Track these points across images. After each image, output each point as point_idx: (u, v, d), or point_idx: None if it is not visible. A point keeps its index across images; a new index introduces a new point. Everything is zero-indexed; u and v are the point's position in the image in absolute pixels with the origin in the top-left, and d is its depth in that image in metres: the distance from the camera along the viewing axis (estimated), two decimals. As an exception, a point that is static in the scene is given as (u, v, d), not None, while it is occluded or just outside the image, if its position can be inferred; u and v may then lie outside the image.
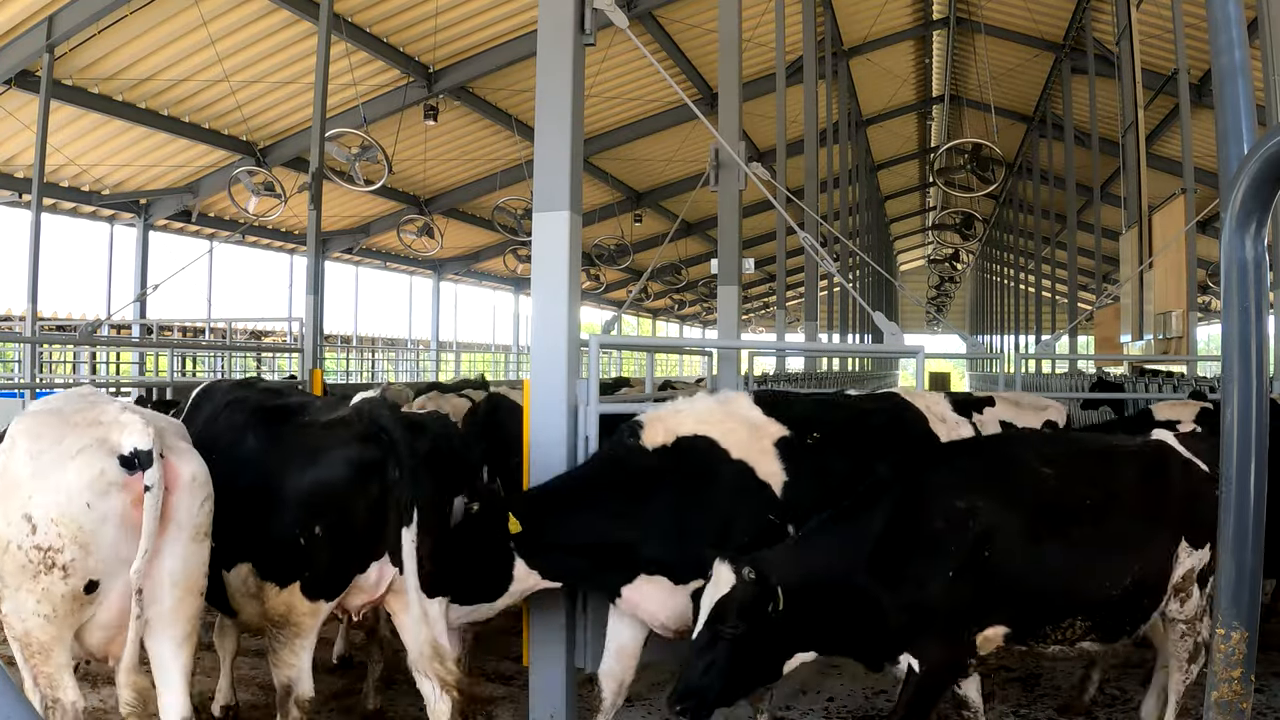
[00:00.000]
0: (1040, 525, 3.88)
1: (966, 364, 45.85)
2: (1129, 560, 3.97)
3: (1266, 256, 2.51)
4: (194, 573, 3.53)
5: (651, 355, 7.86)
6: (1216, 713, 2.58)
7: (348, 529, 3.85)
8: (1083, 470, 4.09)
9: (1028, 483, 3.97)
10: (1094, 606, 3.94)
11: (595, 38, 5.19)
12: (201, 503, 3.53)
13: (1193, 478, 4.16)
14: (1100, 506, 3.97)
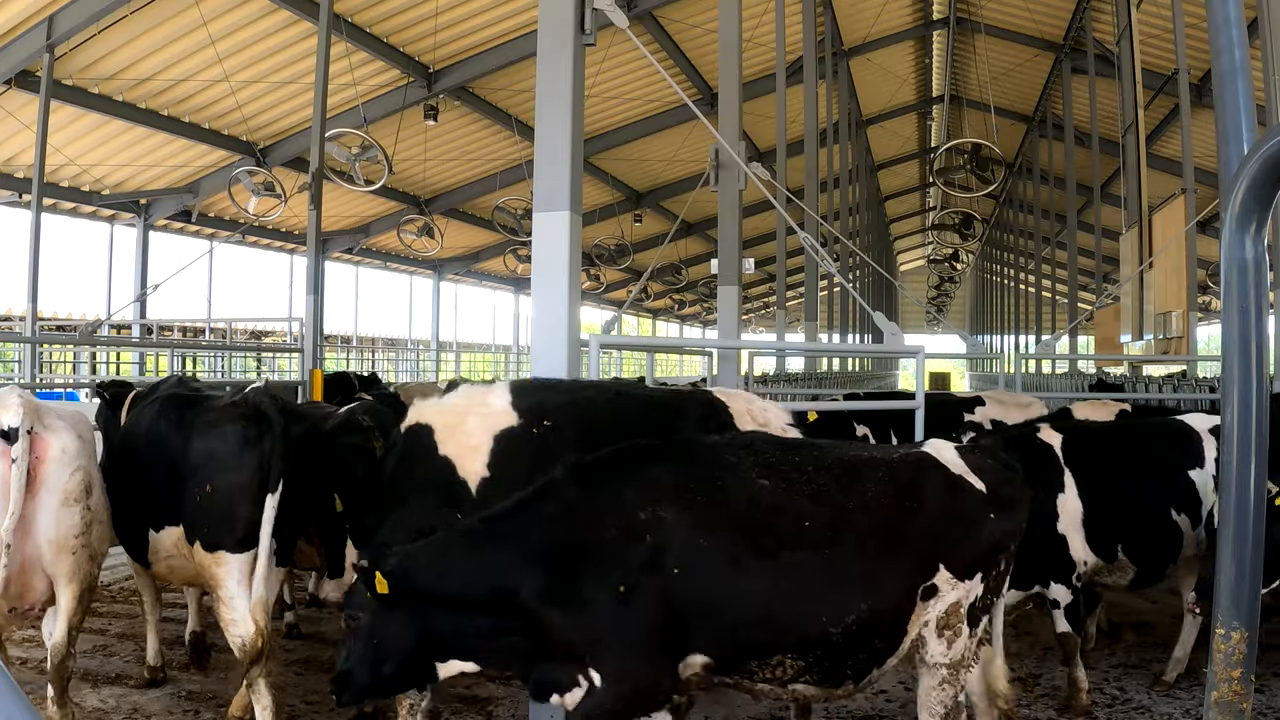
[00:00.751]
0: (741, 545, 3.31)
1: (966, 364, 45.85)
2: (854, 592, 3.36)
3: (1266, 256, 2.51)
4: (65, 532, 4.11)
5: (651, 355, 7.86)
6: (1216, 713, 2.59)
7: (232, 489, 4.42)
8: (810, 484, 3.46)
9: (736, 495, 3.38)
10: (807, 644, 3.35)
11: (595, 38, 5.19)
12: (71, 472, 4.08)
13: (960, 497, 3.54)
14: (823, 527, 3.36)
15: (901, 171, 36.32)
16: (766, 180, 7.81)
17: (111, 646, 6.24)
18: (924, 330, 55.54)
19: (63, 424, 4.18)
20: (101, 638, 6.43)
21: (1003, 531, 3.59)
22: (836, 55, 22.44)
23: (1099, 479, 5.11)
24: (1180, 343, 13.88)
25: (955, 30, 23.37)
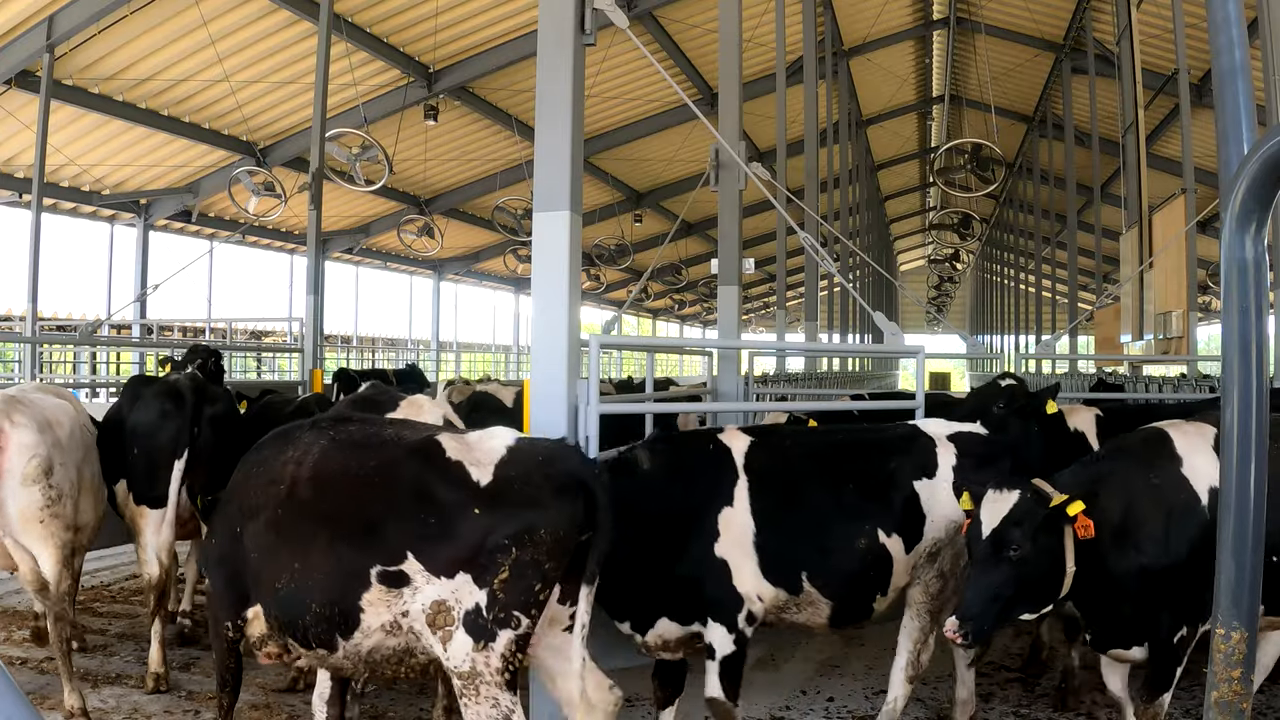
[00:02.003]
0: (269, 517, 3.48)
1: (967, 364, 45.86)
2: (316, 565, 3.38)
3: (1266, 256, 2.51)
4: (27, 507, 4.84)
5: (651, 355, 7.86)
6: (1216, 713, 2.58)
7: (150, 453, 5.46)
8: (326, 462, 3.50)
9: (279, 475, 3.54)
10: (301, 609, 3.44)
11: (595, 38, 5.18)
12: (29, 459, 4.84)
13: (440, 486, 3.36)
14: (309, 500, 3.44)
15: (901, 171, 36.32)
16: (766, 180, 7.81)
17: (111, 646, 6.24)
18: (924, 330, 55.54)
19: (25, 420, 4.91)
20: (101, 638, 6.43)
21: (500, 532, 3.27)
22: (836, 55, 22.44)
23: (783, 492, 4.33)
24: (1180, 343, 13.88)
25: (955, 30, 23.37)
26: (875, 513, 4.32)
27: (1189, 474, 4.02)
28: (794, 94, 18.48)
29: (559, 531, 3.33)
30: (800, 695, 5.47)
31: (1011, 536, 3.77)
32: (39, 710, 4.75)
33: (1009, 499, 3.84)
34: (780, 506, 4.29)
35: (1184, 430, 4.22)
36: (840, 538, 4.29)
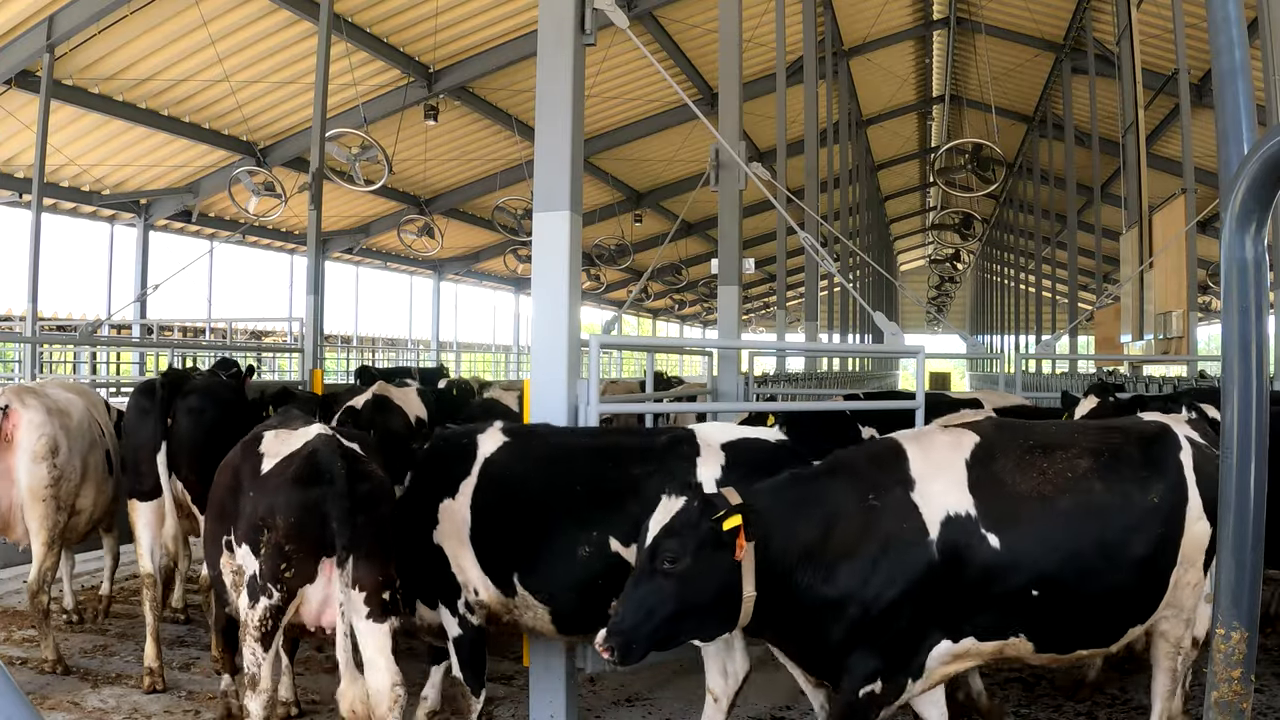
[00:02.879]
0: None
1: (967, 364, 45.85)
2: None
3: (1266, 256, 2.50)
4: (35, 481, 5.50)
5: (651, 355, 7.86)
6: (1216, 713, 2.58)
7: (135, 449, 5.61)
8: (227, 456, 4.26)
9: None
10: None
11: (595, 38, 5.19)
12: (38, 438, 5.48)
13: (238, 469, 4.01)
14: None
15: (902, 171, 36.31)
16: (767, 180, 7.81)
17: (111, 646, 6.25)
18: (924, 330, 55.53)
19: (35, 400, 5.57)
20: (101, 637, 6.44)
21: (259, 514, 3.81)
22: (837, 55, 22.44)
23: (509, 492, 4.26)
24: (1180, 343, 13.88)
25: (955, 30, 23.37)
26: (607, 520, 4.14)
27: (919, 499, 3.58)
28: (794, 94, 18.48)
29: (291, 518, 3.76)
30: (800, 695, 5.46)
31: (667, 548, 3.34)
32: (39, 710, 4.75)
33: (674, 506, 3.41)
34: (501, 505, 4.26)
35: (927, 444, 3.77)
36: (561, 543, 4.14)
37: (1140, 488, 3.77)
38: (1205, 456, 3.89)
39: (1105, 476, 3.75)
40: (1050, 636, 3.71)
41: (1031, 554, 3.58)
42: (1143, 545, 3.71)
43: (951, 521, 3.55)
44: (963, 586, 3.54)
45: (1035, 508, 3.63)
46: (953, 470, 3.66)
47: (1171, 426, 4.02)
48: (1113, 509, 3.70)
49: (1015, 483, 3.66)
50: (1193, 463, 3.85)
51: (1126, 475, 3.78)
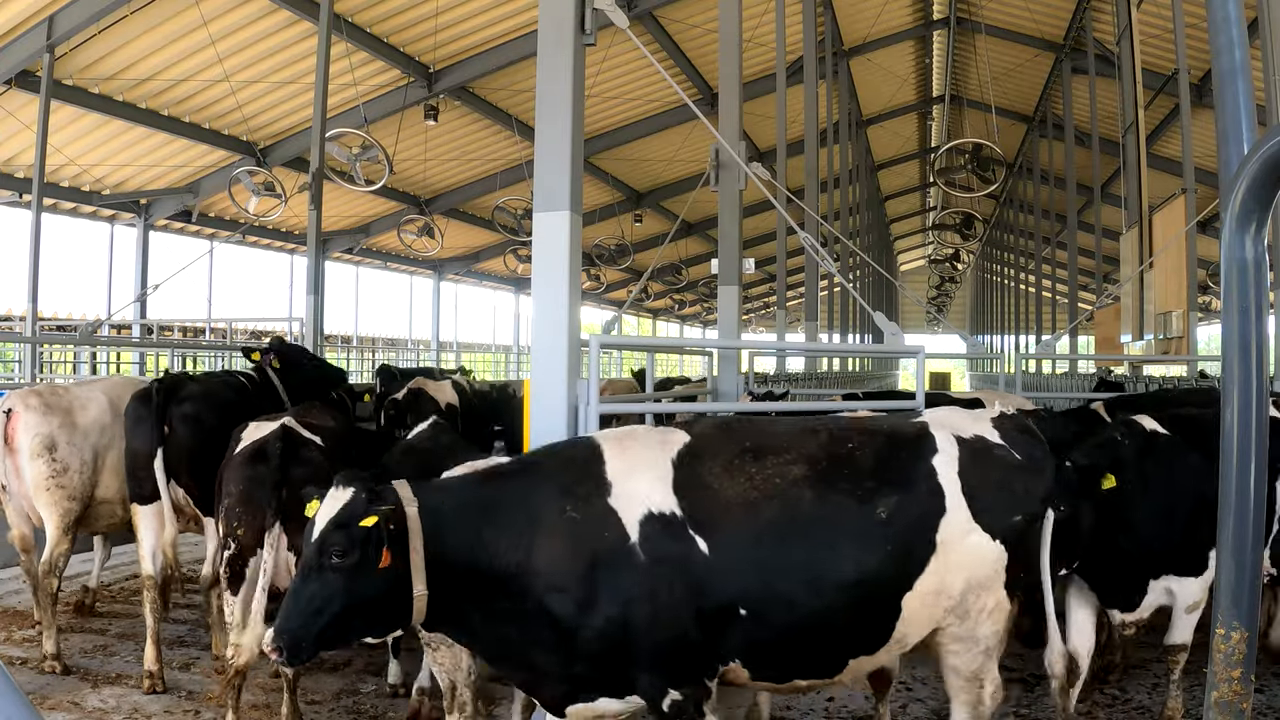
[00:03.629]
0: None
1: (967, 364, 45.84)
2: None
3: (1266, 256, 2.51)
4: (36, 476, 5.89)
5: (652, 355, 7.86)
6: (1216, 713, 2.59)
7: (133, 455, 5.88)
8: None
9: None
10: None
11: (595, 38, 5.18)
12: (33, 436, 5.88)
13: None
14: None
15: (902, 171, 36.30)
16: (767, 180, 7.81)
17: (111, 646, 6.25)
18: (924, 330, 55.52)
19: (36, 402, 5.97)
20: (101, 638, 6.44)
21: (225, 478, 5.01)
22: (837, 55, 22.43)
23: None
24: (1180, 343, 13.88)
25: (955, 30, 23.37)
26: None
27: (618, 504, 3.32)
28: (794, 94, 18.48)
29: (239, 488, 4.81)
30: (800, 695, 5.46)
31: (333, 543, 3.19)
32: (39, 710, 4.74)
33: (343, 498, 3.27)
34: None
35: (627, 443, 3.52)
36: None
37: (861, 500, 3.37)
38: (983, 459, 3.52)
39: (817, 486, 3.38)
40: (763, 662, 3.39)
41: (736, 568, 3.27)
42: (857, 566, 3.31)
43: (652, 520, 3.30)
44: (684, 598, 3.26)
45: (738, 516, 3.31)
46: (655, 468, 3.40)
47: (930, 427, 3.61)
48: (819, 523, 3.33)
49: (722, 488, 3.36)
50: (958, 469, 3.47)
51: (843, 486, 3.39)
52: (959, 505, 3.43)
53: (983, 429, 3.68)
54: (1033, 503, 3.62)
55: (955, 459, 3.49)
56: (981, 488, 3.47)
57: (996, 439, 3.63)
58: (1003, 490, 3.54)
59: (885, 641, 3.46)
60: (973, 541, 3.43)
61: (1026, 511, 3.59)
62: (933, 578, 3.42)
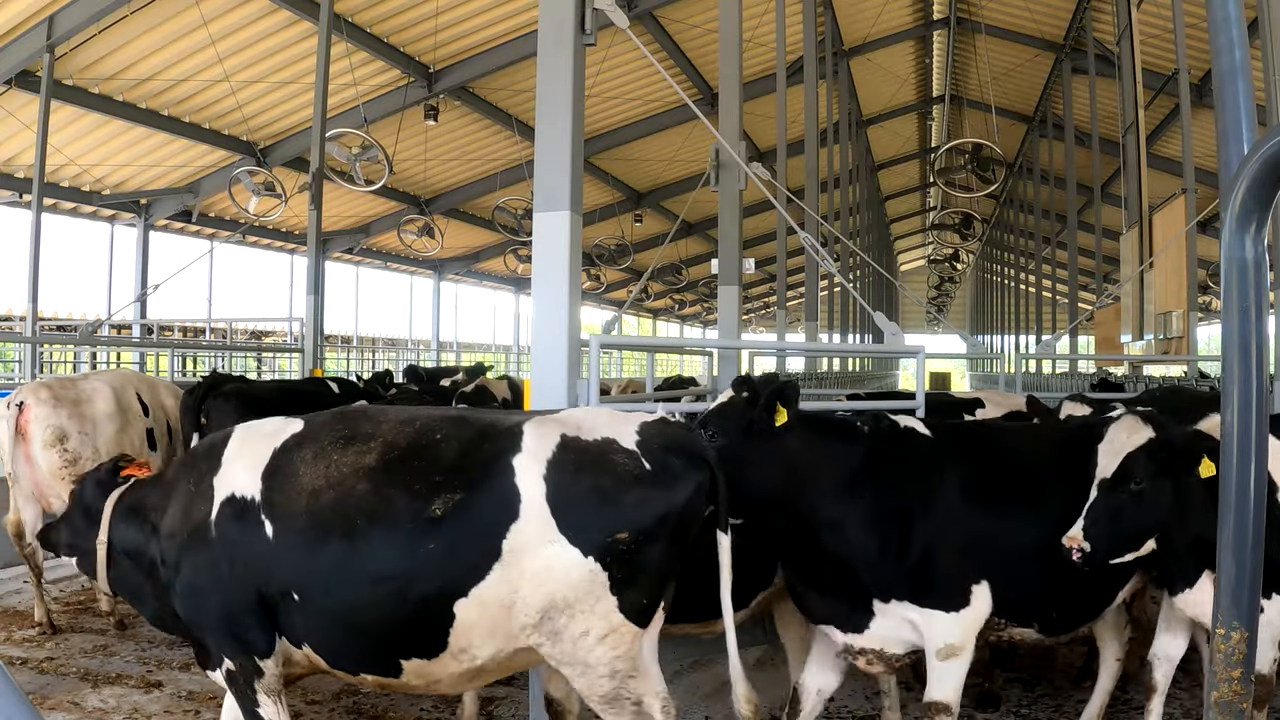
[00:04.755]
0: None
1: (967, 364, 45.83)
2: None
3: (1266, 256, 2.51)
4: (49, 465, 6.22)
5: (652, 355, 7.86)
6: (1216, 713, 2.59)
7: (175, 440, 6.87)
8: None
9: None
10: None
11: (596, 38, 5.18)
12: (45, 428, 6.19)
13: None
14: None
15: (902, 171, 36.30)
16: (767, 180, 7.82)
17: (111, 646, 6.25)
18: (924, 330, 55.52)
19: (47, 395, 6.26)
20: (101, 637, 6.44)
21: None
22: (837, 55, 22.43)
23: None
24: (1181, 343, 13.88)
25: (955, 30, 23.37)
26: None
27: (217, 484, 3.48)
28: (794, 94, 18.48)
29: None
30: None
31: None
32: (39, 710, 4.74)
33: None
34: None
35: (251, 430, 3.66)
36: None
37: (416, 495, 3.20)
38: (585, 466, 3.20)
39: (378, 477, 3.25)
40: (326, 651, 3.38)
41: (290, 553, 3.30)
42: (393, 563, 3.15)
43: (230, 503, 3.41)
44: (244, 577, 3.36)
45: (302, 503, 3.32)
46: (258, 455, 3.47)
47: (528, 424, 3.34)
48: (363, 514, 3.21)
49: (302, 474, 3.35)
50: (544, 472, 3.17)
51: (402, 479, 3.23)
52: (538, 512, 3.13)
53: (619, 432, 3.34)
54: (646, 518, 3.18)
55: (544, 461, 3.19)
56: (573, 496, 3.14)
57: (627, 445, 3.28)
58: (605, 502, 3.16)
59: (442, 648, 3.23)
60: (552, 554, 3.11)
61: (635, 528, 3.15)
62: (498, 588, 3.14)
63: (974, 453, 3.99)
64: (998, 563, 3.81)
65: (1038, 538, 3.78)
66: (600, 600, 3.12)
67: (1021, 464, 4.02)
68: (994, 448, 4.09)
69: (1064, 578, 3.78)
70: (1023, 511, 3.88)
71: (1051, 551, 3.65)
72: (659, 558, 3.21)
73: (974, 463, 3.93)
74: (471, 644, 3.21)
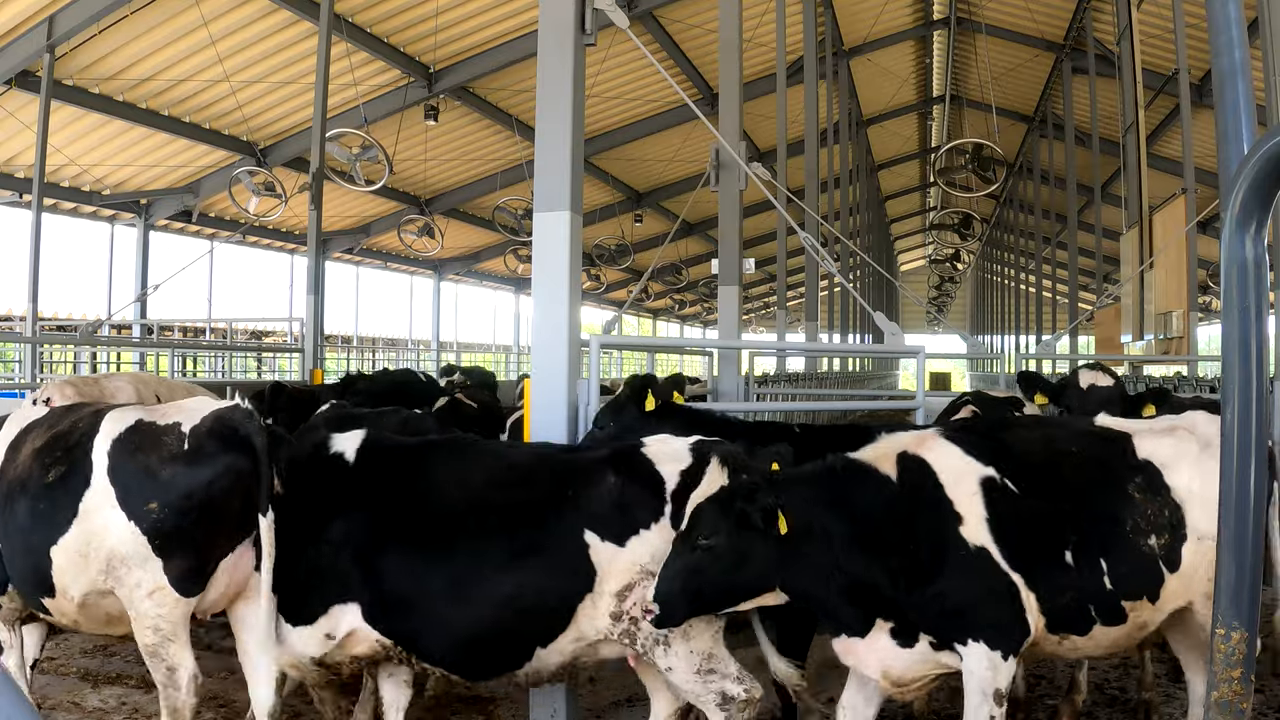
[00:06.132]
0: None
1: (967, 364, 45.85)
2: None
3: (1266, 256, 2.50)
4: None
5: (652, 355, 7.87)
6: (1216, 713, 2.58)
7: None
8: None
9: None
10: None
11: (596, 38, 5.18)
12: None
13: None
14: None
15: (902, 171, 36.31)
16: (767, 180, 7.81)
17: (112, 646, 6.24)
18: (924, 330, 55.51)
19: (72, 391, 5.86)
20: (102, 637, 6.43)
21: None
22: (837, 55, 22.44)
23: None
24: (1181, 343, 13.87)
25: (956, 30, 23.37)
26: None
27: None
28: (794, 94, 18.48)
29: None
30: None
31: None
32: (39, 710, 4.75)
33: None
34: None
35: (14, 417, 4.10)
36: None
37: (45, 467, 3.79)
38: (136, 446, 3.73)
39: (32, 453, 3.85)
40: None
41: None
42: (26, 515, 3.77)
43: None
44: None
45: None
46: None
47: (106, 412, 3.88)
48: (17, 480, 3.81)
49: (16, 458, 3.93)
50: (109, 449, 3.72)
51: (44, 455, 3.82)
52: (101, 483, 3.69)
53: (188, 417, 3.82)
54: (172, 493, 3.68)
55: (110, 439, 3.74)
56: (123, 471, 3.69)
57: (185, 429, 3.76)
58: (145, 477, 3.69)
59: (53, 590, 3.82)
60: (108, 517, 3.68)
61: (163, 500, 3.67)
62: (76, 540, 3.73)
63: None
64: None
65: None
66: (148, 560, 3.67)
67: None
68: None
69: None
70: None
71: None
72: (191, 529, 3.68)
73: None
74: (67, 584, 3.79)
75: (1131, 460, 3.80)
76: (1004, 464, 3.72)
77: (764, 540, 3.49)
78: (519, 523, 3.76)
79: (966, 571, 3.58)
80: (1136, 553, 3.66)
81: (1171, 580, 3.68)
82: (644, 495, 3.74)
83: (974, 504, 3.62)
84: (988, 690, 3.60)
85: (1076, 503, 3.70)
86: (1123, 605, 3.67)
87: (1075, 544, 3.65)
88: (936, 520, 3.60)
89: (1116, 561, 3.65)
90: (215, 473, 3.69)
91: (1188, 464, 3.73)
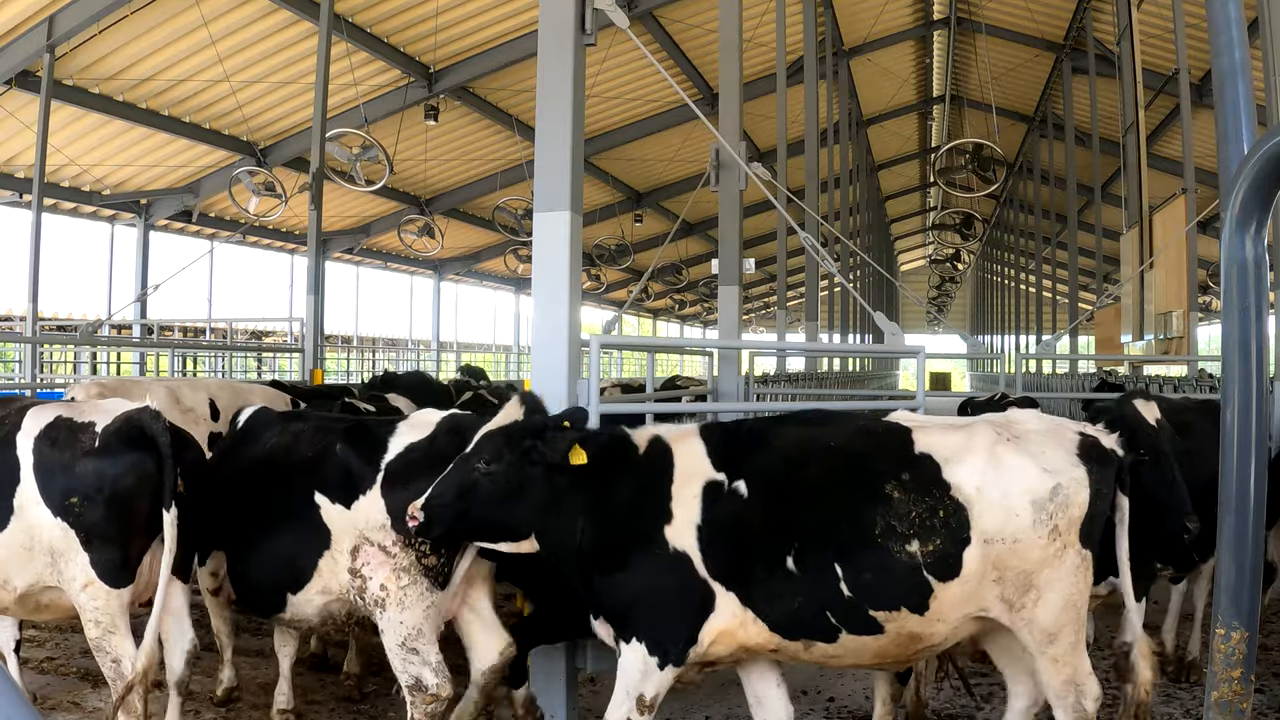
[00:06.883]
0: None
1: (967, 364, 45.86)
2: None
3: (1266, 256, 2.51)
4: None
5: (652, 355, 7.85)
6: (1216, 713, 2.59)
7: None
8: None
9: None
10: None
11: (596, 38, 5.17)
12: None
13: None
14: None
15: (902, 171, 36.31)
16: (767, 180, 7.81)
17: (112, 646, 6.24)
18: (924, 330, 55.51)
19: (98, 391, 6.01)
20: (102, 638, 6.44)
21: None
22: (837, 55, 22.44)
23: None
24: (1181, 343, 13.87)
25: (956, 30, 23.37)
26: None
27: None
28: (794, 94, 18.48)
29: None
30: (801, 695, 5.46)
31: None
32: (39, 710, 4.76)
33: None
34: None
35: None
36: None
37: None
38: (59, 443, 3.90)
39: None
40: None
41: None
42: None
43: None
44: None
45: None
46: None
47: (29, 410, 4.05)
48: None
49: None
50: (32, 447, 3.91)
51: None
52: (29, 479, 3.88)
53: (104, 416, 4.00)
54: (85, 486, 3.86)
55: (32, 438, 3.93)
56: (47, 468, 3.88)
57: (99, 428, 3.93)
58: (65, 472, 3.88)
59: None
60: (37, 512, 3.88)
61: (83, 495, 3.85)
62: (17, 535, 3.91)
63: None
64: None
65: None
66: (78, 554, 3.85)
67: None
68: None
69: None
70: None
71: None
72: (106, 522, 3.86)
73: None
74: (9, 577, 3.96)
75: (903, 457, 3.54)
76: (746, 467, 3.63)
77: (540, 483, 3.62)
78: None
79: (655, 572, 3.57)
80: (887, 558, 3.41)
81: (948, 588, 3.39)
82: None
83: (691, 508, 3.59)
84: (632, 692, 3.57)
85: (815, 507, 3.53)
86: (872, 614, 3.44)
87: (799, 551, 3.48)
88: (651, 515, 3.63)
89: (856, 568, 3.43)
90: (120, 469, 3.91)
91: (976, 462, 3.42)
